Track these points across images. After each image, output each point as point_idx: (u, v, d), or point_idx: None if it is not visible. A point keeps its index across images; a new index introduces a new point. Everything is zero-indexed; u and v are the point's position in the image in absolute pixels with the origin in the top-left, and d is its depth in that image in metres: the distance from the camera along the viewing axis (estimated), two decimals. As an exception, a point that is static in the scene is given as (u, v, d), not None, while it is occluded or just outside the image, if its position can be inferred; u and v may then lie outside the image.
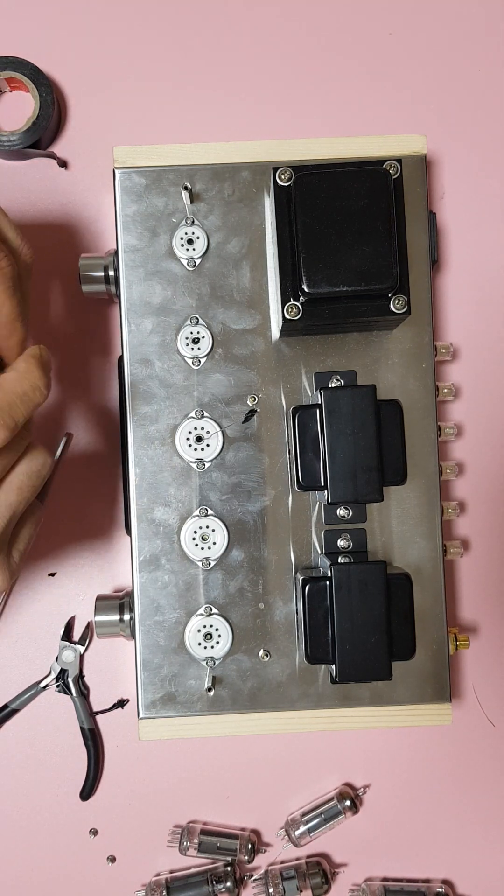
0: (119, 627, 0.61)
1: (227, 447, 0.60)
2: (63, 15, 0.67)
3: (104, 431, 0.66)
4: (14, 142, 0.64)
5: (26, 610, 0.66)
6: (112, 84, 0.67)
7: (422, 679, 0.61)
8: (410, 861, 0.67)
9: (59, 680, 0.66)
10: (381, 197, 0.55)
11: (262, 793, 0.67)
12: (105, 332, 0.66)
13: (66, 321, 0.66)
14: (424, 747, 0.67)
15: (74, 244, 0.66)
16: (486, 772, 0.68)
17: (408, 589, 0.58)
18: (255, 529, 0.60)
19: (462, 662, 0.67)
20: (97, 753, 0.66)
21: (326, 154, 0.61)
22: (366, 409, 0.57)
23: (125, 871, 0.67)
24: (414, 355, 0.61)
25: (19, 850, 0.66)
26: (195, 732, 0.61)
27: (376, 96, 0.67)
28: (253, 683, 0.60)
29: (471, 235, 0.67)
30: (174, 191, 0.60)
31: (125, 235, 0.60)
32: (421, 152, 0.61)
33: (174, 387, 0.60)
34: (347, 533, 0.61)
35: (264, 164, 0.60)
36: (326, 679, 0.60)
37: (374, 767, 0.67)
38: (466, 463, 0.67)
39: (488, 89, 0.68)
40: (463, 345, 0.67)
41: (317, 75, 0.67)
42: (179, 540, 0.60)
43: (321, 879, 0.64)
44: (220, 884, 0.64)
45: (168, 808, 0.67)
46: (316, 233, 0.55)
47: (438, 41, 0.68)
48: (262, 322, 0.61)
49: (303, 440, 0.59)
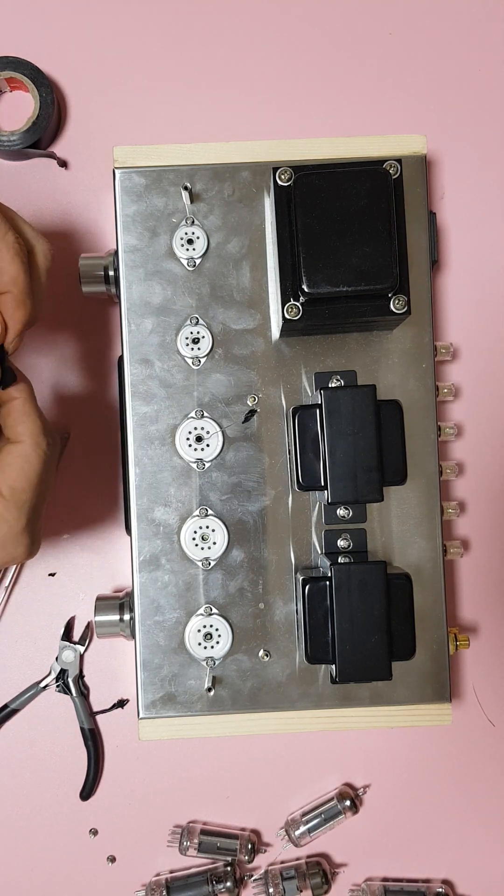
0: (119, 627, 0.61)
1: (227, 447, 0.60)
2: (63, 15, 0.67)
3: (104, 431, 0.66)
4: (14, 142, 0.64)
5: (26, 610, 0.66)
6: (112, 84, 0.67)
7: (422, 679, 0.61)
8: (410, 861, 0.67)
9: (59, 680, 0.66)
10: (381, 197, 0.55)
11: (262, 793, 0.67)
12: (105, 332, 0.66)
13: (66, 321, 0.66)
14: (424, 747, 0.67)
15: (74, 244, 0.66)
16: (486, 772, 0.67)
17: (408, 589, 0.58)
18: (255, 529, 0.60)
19: (462, 662, 0.67)
20: (97, 753, 0.66)
21: (326, 154, 0.61)
22: (366, 409, 0.57)
23: (125, 871, 0.66)
24: (414, 355, 0.61)
25: (19, 850, 0.66)
26: (195, 732, 0.61)
27: (376, 96, 0.67)
28: (253, 683, 0.60)
29: (471, 235, 0.67)
30: (174, 191, 0.60)
31: (125, 235, 0.60)
32: (421, 152, 0.61)
33: (174, 387, 0.60)
34: (347, 533, 0.61)
35: (264, 164, 0.60)
36: (326, 679, 0.60)
37: (374, 767, 0.67)
38: (466, 463, 0.67)
39: (488, 89, 0.68)
40: (463, 345, 0.67)
41: (317, 75, 0.67)
42: (179, 540, 0.60)
43: (321, 879, 0.64)
44: (220, 884, 0.64)
45: (168, 808, 0.67)
46: (316, 233, 0.55)
47: (438, 41, 0.68)
48: (262, 322, 0.60)
49: (303, 440, 0.59)
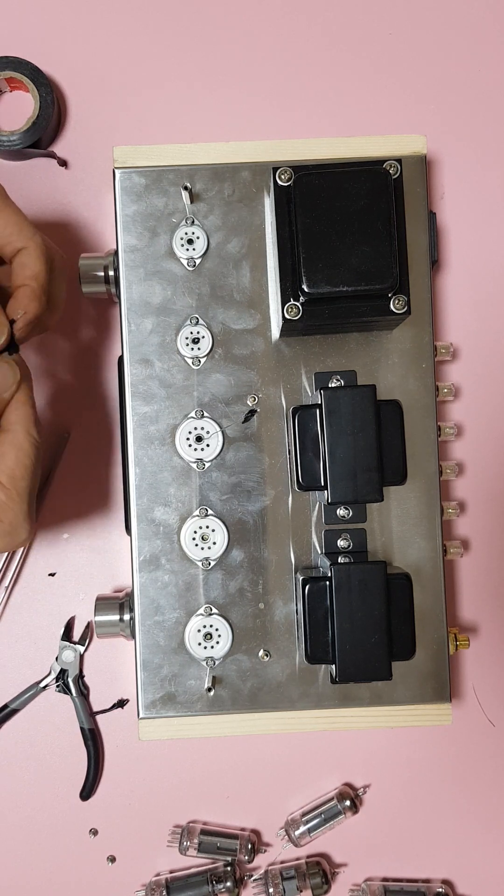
0: (119, 627, 0.61)
1: (227, 447, 0.60)
2: (63, 15, 0.67)
3: (104, 431, 0.66)
4: (14, 142, 0.64)
5: (26, 610, 0.66)
6: (112, 84, 0.67)
7: (422, 679, 0.61)
8: (410, 861, 0.67)
9: (59, 680, 0.66)
10: (381, 197, 0.55)
11: (262, 793, 0.67)
12: (105, 332, 0.66)
13: (66, 321, 0.66)
14: (424, 747, 0.67)
15: (74, 244, 0.66)
16: (486, 772, 0.67)
17: (408, 589, 0.58)
18: (255, 529, 0.60)
19: (462, 662, 0.67)
20: (97, 753, 0.66)
21: (326, 154, 0.61)
22: (366, 409, 0.57)
23: (125, 871, 0.66)
24: (414, 355, 0.61)
25: (19, 850, 0.66)
26: (195, 732, 0.61)
27: (376, 96, 0.67)
28: (253, 683, 0.60)
29: (471, 235, 0.67)
30: (174, 191, 0.60)
31: (125, 235, 0.60)
32: (421, 152, 0.61)
33: (174, 387, 0.60)
34: (347, 533, 0.61)
35: (264, 164, 0.60)
36: (326, 679, 0.60)
37: (374, 767, 0.67)
38: (466, 463, 0.67)
39: (488, 89, 0.68)
40: (463, 345, 0.67)
41: (317, 75, 0.67)
42: (179, 540, 0.60)
43: (321, 879, 0.64)
44: (220, 884, 0.63)
45: (168, 808, 0.67)
46: (316, 233, 0.55)
47: (438, 41, 0.68)
48: (262, 322, 0.60)
49: (303, 440, 0.59)
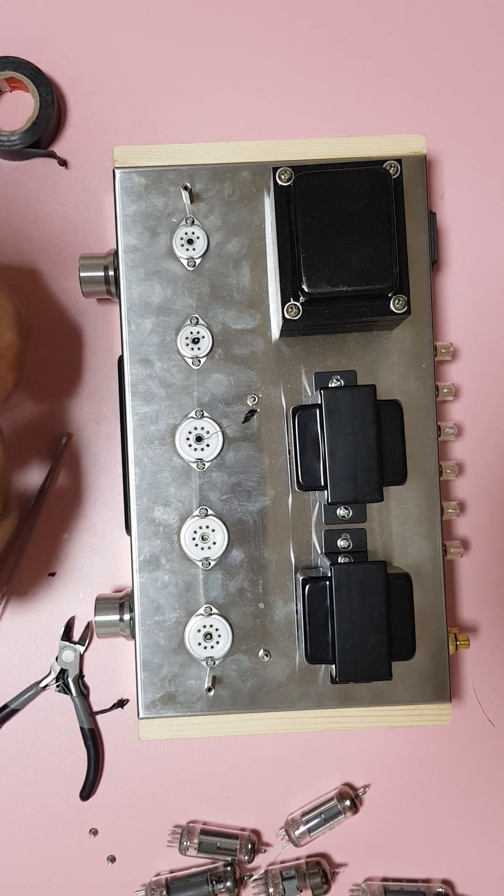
0: (119, 627, 0.61)
1: (227, 447, 0.60)
2: (63, 15, 0.67)
3: (104, 431, 0.66)
4: (14, 142, 0.64)
5: (26, 610, 0.66)
6: (112, 84, 0.67)
7: (422, 679, 0.61)
8: (410, 861, 0.67)
9: (59, 680, 0.66)
10: (381, 197, 0.55)
11: (262, 793, 0.67)
12: (105, 332, 0.66)
13: (66, 321, 0.66)
14: (424, 747, 0.67)
15: (74, 244, 0.66)
16: (486, 772, 0.67)
17: (408, 589, 0.58)
18: (255, 529, 0.60)
19: (462, 662, 0.67)
20: (97, 753, 0.66)
21: (326, 154, 0.61)
22: (366, 409, 0.57)
23: (125, 871, 0.66)
24: (414, 355, 0.61)
25: (19, 850, 0.66)
26: (195, 732, 0.61)
27: (376, 96, 0.67)
28: (253, 683, 0.60)
29: (471, 235, 0.67)
30: (174, 191, 0.60)
31: (125, 235, 0.60)
32: (421, 152, 0.61)
33: (174, 387, 0.60)
34: (347, 533, 0.61)
35: (264, 164, 0.60)
36: (326, 679, 0.60)
37: (374, 767, 0.67)
38: (466, 463, 0.67)
39: (488, 89, 0.68)
40: (463, 345, 0.67)
41: (317, 75, 0.67)
42: (179, 540, 0.60)
43: (321, 879, 0.64)
44: (220, 884, 0.63)
45: (168, 808, 0.67)
46: (316, 233, 0.55)
47: (438, 41, 0.68)
48: (262, 322, 0.60)
49: (303, 440, 0.59)
